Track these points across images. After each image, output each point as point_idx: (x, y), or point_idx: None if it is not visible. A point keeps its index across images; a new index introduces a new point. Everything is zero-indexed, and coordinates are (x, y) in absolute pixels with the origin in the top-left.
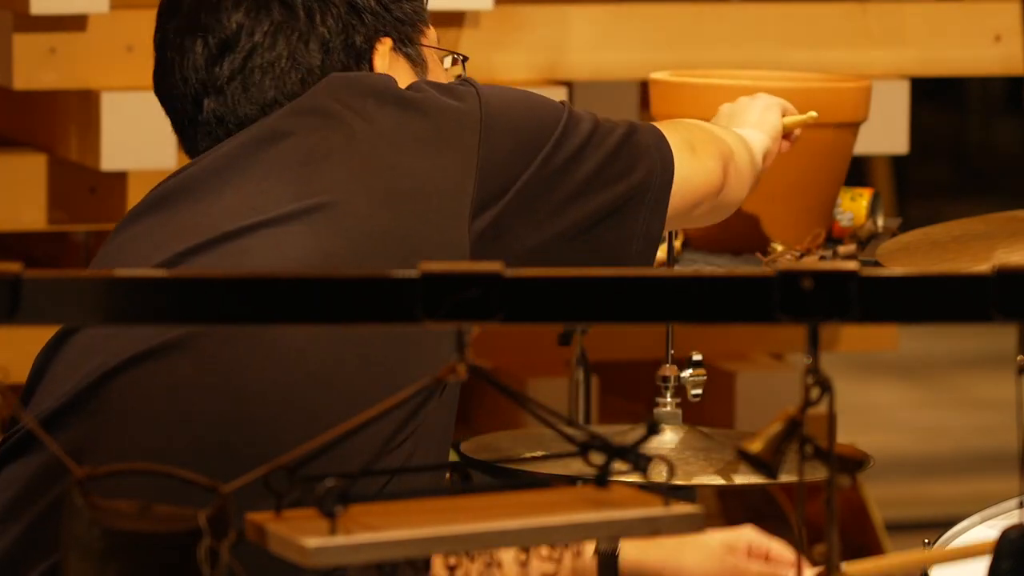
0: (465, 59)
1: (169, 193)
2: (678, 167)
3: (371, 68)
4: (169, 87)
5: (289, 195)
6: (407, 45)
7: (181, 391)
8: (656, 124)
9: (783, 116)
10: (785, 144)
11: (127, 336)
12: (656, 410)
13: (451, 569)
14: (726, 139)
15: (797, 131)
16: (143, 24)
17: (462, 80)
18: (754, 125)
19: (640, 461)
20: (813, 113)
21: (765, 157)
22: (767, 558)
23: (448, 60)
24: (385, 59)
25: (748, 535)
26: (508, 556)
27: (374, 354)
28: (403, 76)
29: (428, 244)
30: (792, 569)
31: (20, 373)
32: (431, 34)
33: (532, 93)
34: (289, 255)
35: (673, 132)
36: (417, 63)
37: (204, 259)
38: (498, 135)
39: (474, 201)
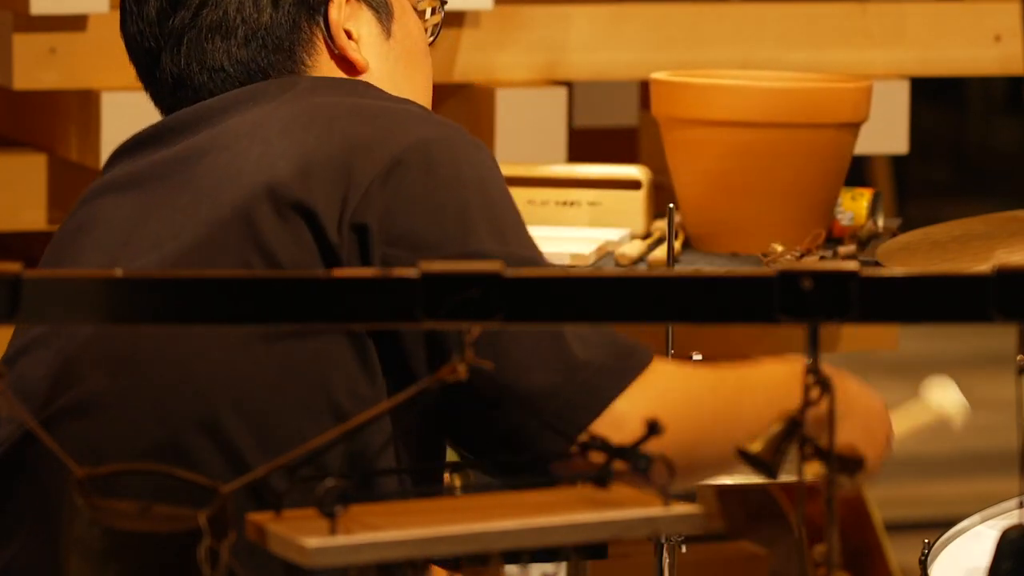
0: (444, 2)
1: (127, 180)
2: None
3: (327, 20)
4: (129, 37)
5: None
6: None
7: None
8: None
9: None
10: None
11: (32, 392)
12: None
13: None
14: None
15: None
16: None
17: (445, 124)
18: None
19: (640, 461)
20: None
21: None
22: None
23: (428, 9)
24: (342, 11)
25: None
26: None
27: (286, 368)
28: (365, 26)
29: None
30: None
31: None
32: None
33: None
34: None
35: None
36: (381, 11)
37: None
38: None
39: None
